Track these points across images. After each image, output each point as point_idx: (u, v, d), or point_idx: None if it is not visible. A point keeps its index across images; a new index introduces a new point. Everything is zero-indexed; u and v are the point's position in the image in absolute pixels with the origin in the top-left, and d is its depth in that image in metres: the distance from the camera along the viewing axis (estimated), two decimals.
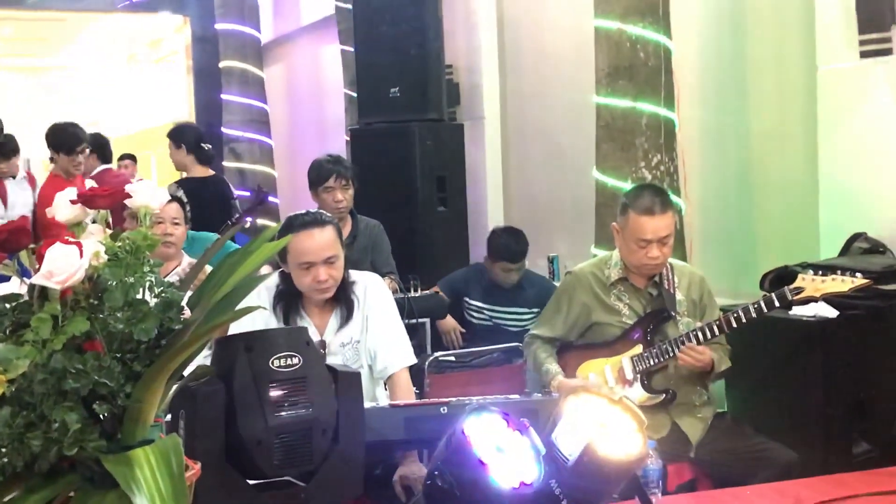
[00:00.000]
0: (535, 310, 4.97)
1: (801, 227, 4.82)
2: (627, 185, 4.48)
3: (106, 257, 1.62)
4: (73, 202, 1.73)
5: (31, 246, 1.66)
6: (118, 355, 1.57)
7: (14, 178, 6.27)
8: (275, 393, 1.80)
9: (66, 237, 1.63)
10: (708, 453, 3.37)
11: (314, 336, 3.14)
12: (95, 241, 1.66)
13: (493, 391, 3.55)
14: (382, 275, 4.20)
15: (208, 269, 3.06)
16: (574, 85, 6.02)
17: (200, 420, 1.75)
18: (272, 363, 1.83)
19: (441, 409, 2.64)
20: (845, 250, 4.33)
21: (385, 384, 3.24)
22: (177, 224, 4.08)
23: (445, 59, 6.50)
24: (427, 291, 4.84)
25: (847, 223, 4.43)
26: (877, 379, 3.92)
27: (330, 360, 3.10)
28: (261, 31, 10.08)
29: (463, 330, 5.01)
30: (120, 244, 1.64)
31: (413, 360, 3.25)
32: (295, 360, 1.85)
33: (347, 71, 7.58)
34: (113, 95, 16.06)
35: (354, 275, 3.23)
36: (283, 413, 1.79)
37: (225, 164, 9.63)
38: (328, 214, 3.16)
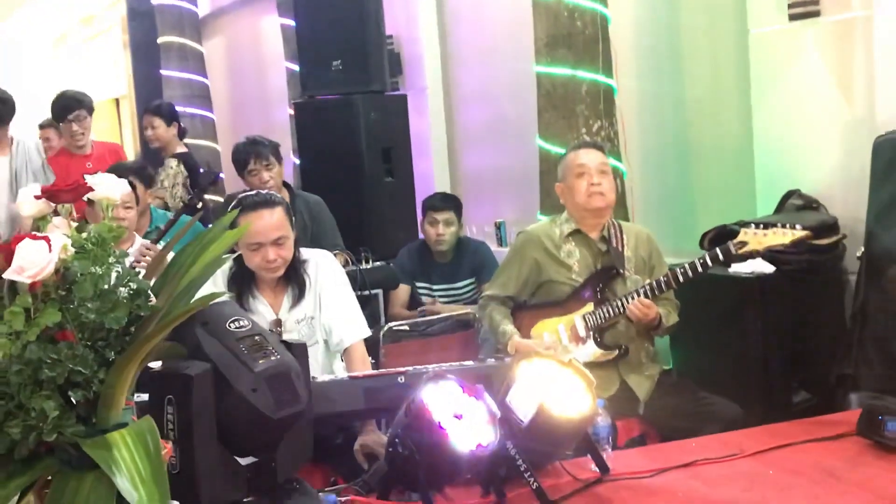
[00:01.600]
0: (473, 279, 5.11)
1: (738, 187, 4.91)
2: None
3: (73, 250, 1.68)
4: (37, 197, 1.79)
5: None
6: (90, 343, 1.64)
7: None
8: (246, 348, 1.89)
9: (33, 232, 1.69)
10: (656, 410, 3.48)
11: (269, 315, 3.22)
12: (62, 234, 1.72)
13: (448, 358, 3.62)
14: (331, 248, 4.26)
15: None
16: (514, 54, 6.05)
17: (197, 401, 1.82)
18: (229, 327, 1.92)
19: (399, 378, 2.72)
20: (780, 207, 4.47)
21: (342, 357, 3.32)
22: (128, 208, 4.11)
23: (385, 29, 6.50)
24: (378, 263, 4.90)
25: (781, 181, 4.55)
26: (813, 331, 4.10)
27: (286, 337, 3.19)
28: (197, 4, 9.95)
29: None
30: (86, 236, 1.70)
31: (367, 333, 3.33)
32: (245, 322, 1.94)
33: (288, 44, 7.54)
34: (49, 73, 15.81)
35: (306, 253, 3.30)
36: (261, 361, 1.87)
37: None
38: (278, 195, 3.22)
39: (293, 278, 3.23)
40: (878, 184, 3.91)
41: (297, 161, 6.89)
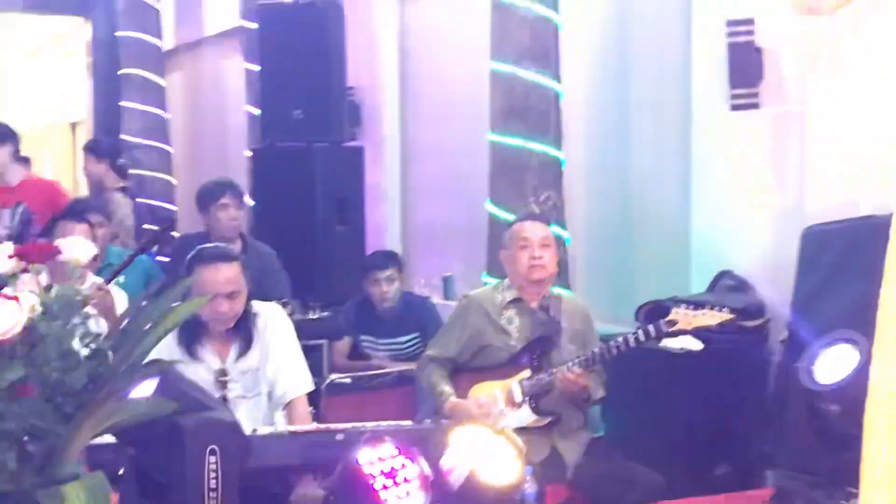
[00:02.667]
0: (417, 333, 5.21)
1: (674, 262, 5.04)
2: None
3: (40, 309, 1.80)
4: (10, 256, 1.90)
5: None
6: (50, 399, 1.75)
7: None
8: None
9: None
10: (584, 476, 3.61)
11: (215, 364, 3.32)
12: (30, 292, 1.83)
13: (388, 413, 3.71)
14: (278, 299, 4.37)
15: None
16: (470, 116, 6.14)
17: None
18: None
19: (337, 436, 2.82)
20: (713, 286, 4.61)
21: (283, 409, 3.42)
22: None
23: (347, 80, 6.62)
24: (325, 313, 5.01)
25: (715, 261, 4.69)
26: (737, 407, 4.26)
27: (230, 387, 3.31)
28: (162, 38, 10.02)
29: None
30: (54, 296, 1.81)
31: (311, 387, 3.44)
32: None
33: (251, 88, 7.64)
34: (14, 89, 15.73)
35: (257, 306, 3.41)
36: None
37: None
38: (235, 250, 3.34)
39: (241, 330, 3.34)
40: (804, 272, 4.08)
41: (252, 203, 6.98)
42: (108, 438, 1.98)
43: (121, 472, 2.18)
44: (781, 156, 4.53)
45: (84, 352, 1.79)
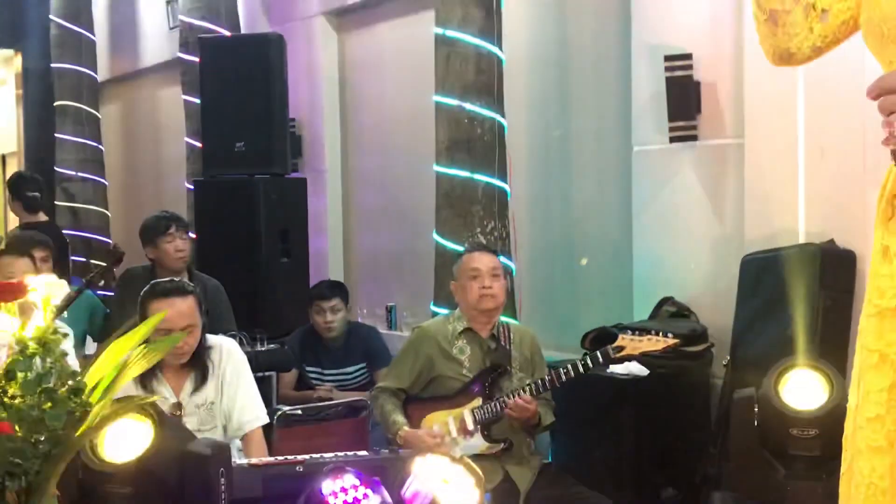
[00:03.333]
0: (363, 364, 5.24)
1: (618, 290, 5.15)
2: (463, 249, 4.79)
3: (17, 348, 1.82)
4: None
5: None
6: (27, 437, 1.77)
7: None
8: None
9: None
10: (535, 501, 3.69)
11: (171, 398, 3.33)
12: (5, 333, 1.86)
13: (340, 444, 3.77)
14: (226, 332, 4.39)
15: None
16: (412, 149, 6.28)
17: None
18: None
19: (297, 467, 2.86)
20: (655, 313, 4.71)
21: (240, 441, 3.44)
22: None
23: (289, 112, 6.65)
24: (272, 345, 5.01)
25: (657, 288, 4.80)
26: (682, 430, 4.36)
27: (186, 420, 3.32)
28: (97, 70, 9.96)
29: None
30: (32, 337, 1.84)
31: (266, 420, 3.48)
32: None
33: (190, 120, 7.63)
34: None
35: (211, 339, 3.43)
36: None
37: (57, 203, 9.49)
38: (190, 285, 3.36)
39: (196, 364, 3.36)
40: (743, 298, 4.21)
41: (194, 236, 6.95)
42: None
43: None
44: (720, 186, 4.65)
45: (61, 390, 1.81)
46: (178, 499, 2.14)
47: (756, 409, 3.44)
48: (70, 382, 1.83)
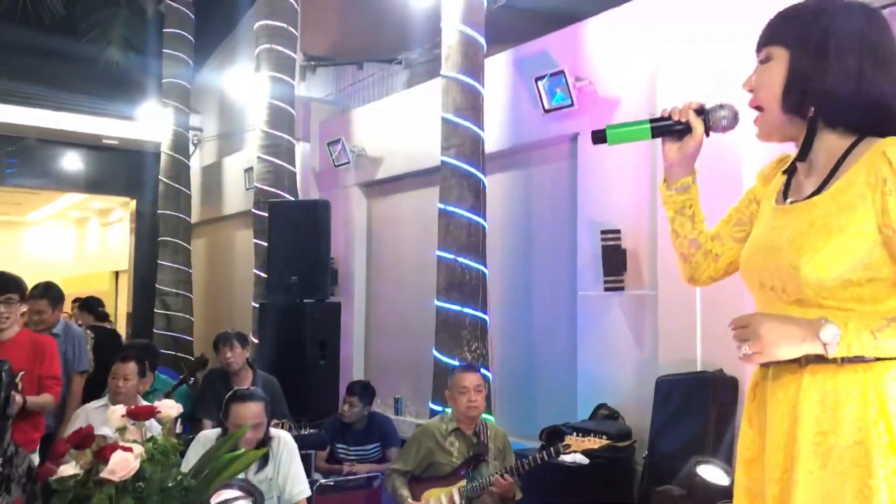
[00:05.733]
0: (378, 444, 5.19)
1: (565, 396, 5.17)
2: (456, 363, 4.84)
3: (145, 455, 1.86)
4: (123, 416, 1.97)
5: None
6: None
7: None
8: None
9: (122, 444, 1.86)
10: None
11: (241, 475, 3.33)
12: (136, 442, 1.90)
13: None
14: (280, 418, 4.39)
15: None
16: (420, 287, 6.33)
17: None
18: None
19: None
20: (594, 414, 4.75)
21: None
22: (127, 379, 4.03)
23: (330, 252, 6.73)
24: (312, 430, 4.98)
25: (595, 395, 4.84)
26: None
27: None
28: (191, 215, 10.08)
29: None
30: (156, 447, 1.89)
31: (308, 493, 3.45)
32: None
33: (258, 257, 7.71)
34: (67, 248, 15.58)
35: (272, 431, 3.45)
36: None
37: (156, 311, 9.55)
38: (261, 393, 3.39)
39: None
40: (658, 408, 4.24)
41: (256, 341, 6.97)
42: None
43: None
44: (641, 324, 4.74)
45: (177, 488, 1.85)
46: None
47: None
48: (185, 481, 1.87)
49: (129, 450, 1.82)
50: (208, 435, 3.42)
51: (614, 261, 4.72)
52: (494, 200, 5.61)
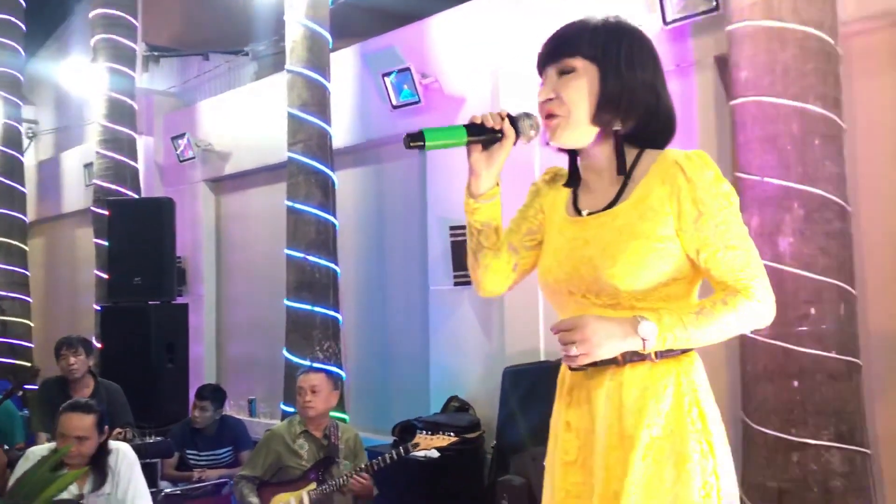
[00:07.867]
0: (230, 448, 5.02)
1: (418, 389, 5.16)
2: (307, 363, 4.73)
3: None
4: None
5: None
6: None
7: None
8: None
9: None
10: None
11: (74, 489, 3.11)
12: None
13: None
14: (123, 427, 4.16)
15: None
16: (270, 285, 6.13)
17: None
18: None
19: None
20: (445, 407, 4.77)
21: None
22: None
23: (176, 251, 6.43)
24: (158, 438, 4.74)
25: (446, 388, 4.87)
26: (462, 496, 4.35)
27: None
28: (27, 214, 9.36)
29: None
30: None
31: None
32: None
33: (99, 258, 7.26)
34: None
35: (112, 444, 3.24)
36: None
37: None
38: (96, 405, 3.18)
39: (97, 465, 3.16)
40: (504, 399, 4.29)
41: (100, 346, 6.57)
42: None
43: None
44: (489, 318, 4.81)
45: None
46: None
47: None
48: None
49: None
50: (37, 451, 3.17)
51: (463, 256, 4.74)
52: (345, 197, 5.52)
